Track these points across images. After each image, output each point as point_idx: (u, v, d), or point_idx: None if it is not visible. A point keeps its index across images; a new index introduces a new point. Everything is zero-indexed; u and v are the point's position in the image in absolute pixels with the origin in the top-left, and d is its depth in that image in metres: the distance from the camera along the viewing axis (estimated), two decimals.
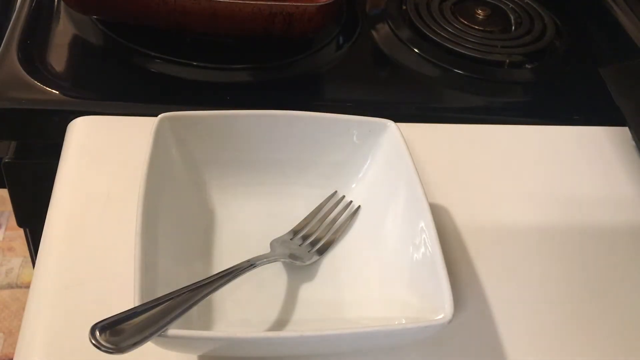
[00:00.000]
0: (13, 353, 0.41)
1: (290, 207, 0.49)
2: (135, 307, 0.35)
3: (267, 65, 0.66)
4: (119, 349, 0.33)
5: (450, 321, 0.37)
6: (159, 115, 0.46)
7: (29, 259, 1.07)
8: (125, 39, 0.65)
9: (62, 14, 0.68)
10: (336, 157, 0.50)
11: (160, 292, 0.37)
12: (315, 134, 0.49)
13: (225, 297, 0.43)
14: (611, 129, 0.62)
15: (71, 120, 0.56)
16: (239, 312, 0.43)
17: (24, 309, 0.43)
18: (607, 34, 0.77)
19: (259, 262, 0.43)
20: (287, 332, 0.42)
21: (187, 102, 0.60)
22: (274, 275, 0.46)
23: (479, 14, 0.74)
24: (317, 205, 0.50)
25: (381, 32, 0.72)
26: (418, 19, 0.72)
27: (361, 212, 0.50)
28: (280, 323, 0.43)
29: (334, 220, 0.49)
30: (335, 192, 0.51)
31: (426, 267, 0.41)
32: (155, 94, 0.61)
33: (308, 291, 0.45)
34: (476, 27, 0.73)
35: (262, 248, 0.46)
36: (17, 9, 0.67)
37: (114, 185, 0.50)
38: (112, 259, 0.45)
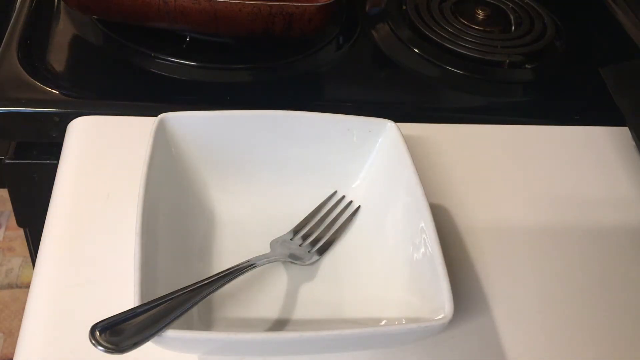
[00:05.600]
0: (13, 353, 0.41)
1: (290, 207, 0.49)
2: (135, 307, 0.35)
3: (267, 65, 0.66)
4: (119, 349, 0.33)
5: (450, 321, 0.37)
6: (159, 115, 0.46)
7: (29, 259, 1.07)
8: (125, 39, 0.65)
9: (62, 14, 0.68)
10: (336, 157, 0.50)
11: (160, 292, 0.37)
12: (315, 134, 0.49)
13: (225, 297, 0.43)
14: (611, 129, 0.62)
15: (71, 120, 0.56)
16: (239, 312, 0.43)
17: (24, 309, 0.43)
18: (607, 34, 0.77)
19: (259, 262, 0.43)
20: (287, 332, 0.42)
21: (187, 102, 0.60)
22: (274, 275, 0.46)
23: (479, 14, 0.74)
24: (317, 205, 0.50)
25: (381, 32, 0.72)
26: (418, 19, 0.72)
27: (361, 212, 0.50)
28: (280, 323, 0.43)
29: (334, 220, 0.49)
30: (335, 192, 0.51)
31: (426, 267, 0.41)
32: (155, 94, 0.61)
33: (308, 291, 0.45)
34: (476, 27, 0.73)
35: (262, 248, 0.46)
36: (17, 9, 0.67)
37: (114, 185, 0.50)
38: (111, 259, 0.45)
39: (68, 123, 0.56)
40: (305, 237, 0.48)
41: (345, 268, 0.47)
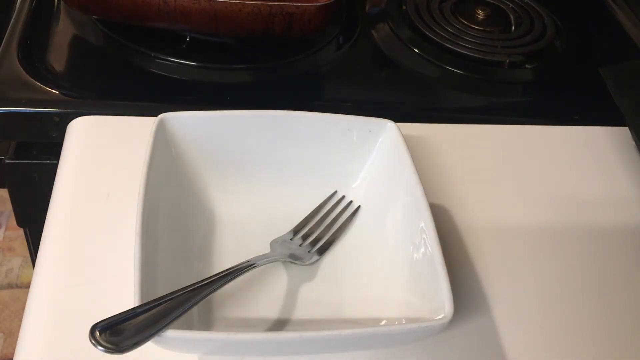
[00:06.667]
0: (13, 353, 0.41)
1: (290, 207, 0.49)
2: (135, 307, 0.35)
3: (267, 65, 0.66)
4: (119, 349, 0.33)
5: (450, 321, 0.37)
6: (159, 115, 0.46)
7: (29, 259, 1.07)
8: (125, 39, 0.65)
9: (62, 14, 0.68)
10: (336, 157, 0.50)
11: (160, 292, 0.37)
12: (315, 134, 0.49)
13: (225, 297, 0.43)
14: (611, 129, 0.62)
15: (71, 120, 0.56)
16: (239, 312, 0.43)
17: (24, 309, 0.43)
18: (607, 34, 0.77)
19: (259, 262, 0.43)
20: (287, 332, 0.42)
21: (187, 102, 0.60)
22: (274, 275, 0.46)
23: (479, 14, 0.74)
24: (317, 205, 0.50)
25: (381, 32, 0.72)
26: (418, 19, 0.72)
27: (361, 212, 0.50)
28: (280, 323, 0.43)
29: (334, 220, 0.49)
30: (335, 192, 0.51)
31: (426, 267, 0.41)
32: (155, 94, 0.61)
33: (308, 291, 0.45)
34: (476, 27, 0.73)
35: (262, 248, 0.46)
36: (17, 9, 0.67)
37: (114, 185, 0.50)
38: (112, 259, 0.45)
39: (68, 123, 0.56)
40: (305, 237, 0.48)
41: (345, 268, 0.47)
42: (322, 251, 0.47)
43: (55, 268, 0.45)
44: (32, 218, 0.67)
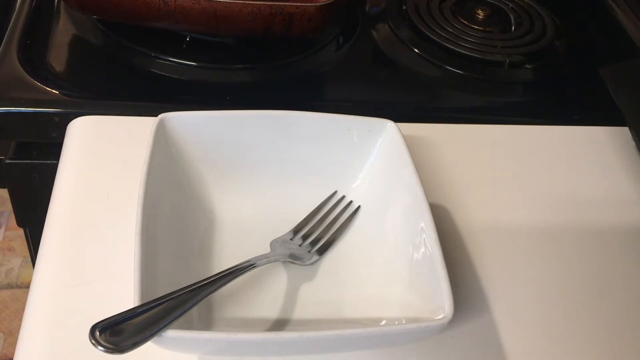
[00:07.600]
0: (13, 353, 0.41)
1: (290, 207, 0.49)
2: (135, 307, 0.35)
3: (267, 65, 0.66)
4: (119, 349, 0.33)
5: (450, 321, 0.37)
6: (159, 115, 0.46)
7: (29, 259, 1.07)
8: (125, 39, 0.65)
9: (62, 14, 0.68)
10: (336, 157, 0.50)
11: (160, 292, 0.37)
12: (315, 134, 0.49)
13: (225, 297, 0.43)
14: (611, 129, 0.62)
15: (71, 120, 0.56)
16: (239, 312, 0.43)
17: (24, 309, 0.43)
18: (607, 34, 0.77)
19: (259, 262, 0.43)
20: (287, 332, 0.42)
21: (187, 102, 0.60)
22: (274, 275, 0.46)
23: (479, 14, 0.74)
24: (317, 205, 0.50)
25: (381, 32, 0.72)
26: (418, 19, 0.72)
27: (361, 212, 0.50)
28: (280, 323, 0.43)
29: (334, 220, 0.49)
30: (335, 192, 0.51)
31: (426, 267, 0.41)
32: (155, 94, 0.61)
33: (308, 291, 0.45)
34: (476, 27, 0.73)
35: (262, 248, 0.46)
36: (17, 9, 0.67)
37: (114, 185, 0.50)
38: (112, 259, 0.45)
39: (68, 123, 0.56)
40: (305, 237, 0.48)
41: (345, 268, 0.47)
42: (322, 251, 0.47)
43: (55, 268, 0.45)
44: (32, 218, 0.67)
